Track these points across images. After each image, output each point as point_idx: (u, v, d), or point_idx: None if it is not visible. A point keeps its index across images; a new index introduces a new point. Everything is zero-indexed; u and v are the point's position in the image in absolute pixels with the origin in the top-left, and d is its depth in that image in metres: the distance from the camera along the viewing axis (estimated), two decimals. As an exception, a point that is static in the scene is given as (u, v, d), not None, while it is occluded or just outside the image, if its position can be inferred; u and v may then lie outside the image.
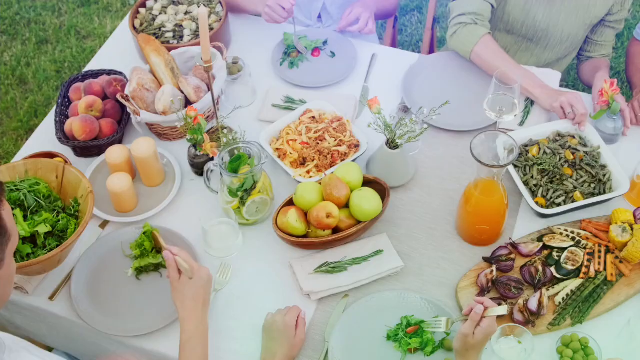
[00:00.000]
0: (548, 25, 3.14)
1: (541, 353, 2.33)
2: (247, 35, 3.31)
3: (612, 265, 2.50)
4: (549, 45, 3.23)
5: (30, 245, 2.42)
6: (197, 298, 2.24)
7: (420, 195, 2.74)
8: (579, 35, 3.20)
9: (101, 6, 5.40)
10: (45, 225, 2.44)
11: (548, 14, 3.11)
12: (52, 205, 2.52)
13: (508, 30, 3.23)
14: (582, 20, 3.13)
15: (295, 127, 2.81)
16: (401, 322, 2.38)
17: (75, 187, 2.54)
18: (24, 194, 2.47)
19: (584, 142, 2.79)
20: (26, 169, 2.56)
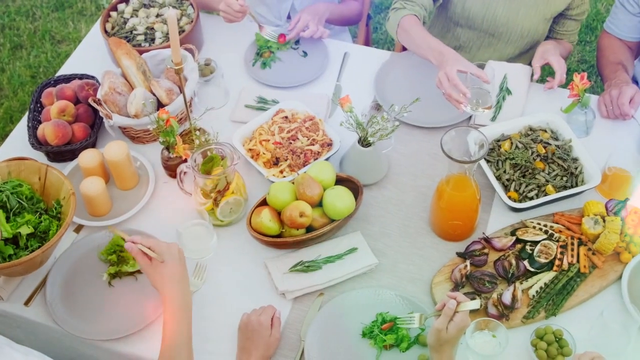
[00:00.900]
0: (508, 20, 3.17)
1: (515, 346, 2.35)
2: (219, 37, 3.31)
3: (584, 257, 2.51)
4: (510, 40, 3.25)
5: (12, 246, 2.41)
6: (174, 276, 2.19)
7: (393, 192, 2.75)
8: (539, 29, 3.23)
9: (75, 10, 5.38)
10: (27, 227, 2.43)
11: (508, 8, 3.14)
12: (35, 206, 2.51)
13: (469, 26, 3.25)
14: (542, 14, 3.15)
15: (268, 127, 2.82)
16: (376, 319, 2.39)
17: (57, 189, 2.53)
18: (7, 196, 2.45)
19: (555, 135, 2.81)
20: (9, 170, 2.53)
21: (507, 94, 3.01)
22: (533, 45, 3.32)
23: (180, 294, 2.19)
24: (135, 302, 2.47)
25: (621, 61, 3.20)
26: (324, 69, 3.15)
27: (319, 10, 3.28)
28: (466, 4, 3.17)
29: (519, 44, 3.28)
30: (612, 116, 2.93)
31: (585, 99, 2.82)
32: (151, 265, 2.19)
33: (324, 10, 3.30)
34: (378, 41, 5.08)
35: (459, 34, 3.32)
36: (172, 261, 2.20)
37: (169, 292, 2.18)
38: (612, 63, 3.19)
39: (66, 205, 2.49)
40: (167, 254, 2.20)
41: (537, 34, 3.25)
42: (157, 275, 2.19)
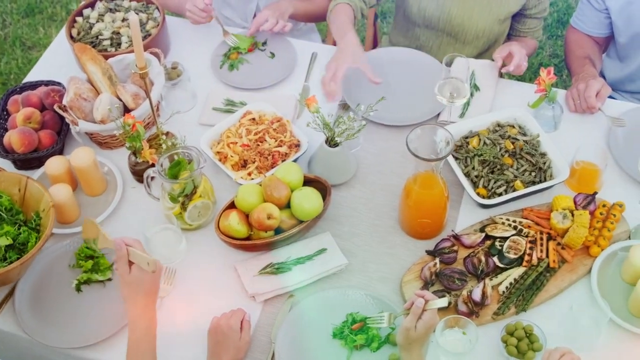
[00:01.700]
0: (463, 20, 3.18)
1: (486, 343, 2.35)
2: (186, 40, 3.30)
3: (554, 252, 2.52)
4: (466, 40, 3.27)
5: None
6: (151, 293, 2.17)
7: (362, 191, 2.74)
8: (494, 30, 3.24)
9: (46, 16, 5.35)
10: (6, 238, 2.41)
11: (462, 8, 3.15)
12: (14, 218, 2.50)
13: (427, 26, 3.27)
14: (496, 15, 3.17)
15: (236, 129, 2.81)
16: (346, 319, 2.38)
17: (37, 201, 2.52)
18: None
19: (523, 131, 2.81)
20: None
21: (475, 90, 3.01)
22: (491, 45, 3.34)
23: (150, 312, 2.18)
24: (105, 309, 2.45)
25: (588, 55, 3.21)
26: (292, 70, 3.14)
27: (281, 6, 3.28)
28: (421, 4, 3.19)
29: (476, 44, 3.29)
30: (579, 110, 2.94)
31: (552, 94, 2.82)
32: (130, 274, 2.15)
33: (286, 6, 3.29)
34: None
35: (418, 34, 3.33)
36: (156, 275, 2.17)
37: (140, 308, 2.16)
38: (580, 57, 3.20)
39: (45, 218, 2.47)
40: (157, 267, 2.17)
41: (493, 34, 3.26)
42: (132, 288, 2.16)
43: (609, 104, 2.99)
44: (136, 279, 2.15)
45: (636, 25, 3.10)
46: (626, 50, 3.23)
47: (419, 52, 3.18)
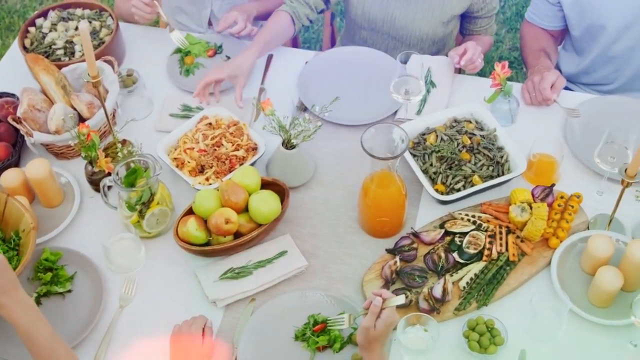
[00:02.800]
0: (406, 23, 3.20)
1: (448, 339, 2.36)
2: (141, 46, 3.28)
3: (513, 245, 2.53)
4: (411, 43, 3.28)
5: None
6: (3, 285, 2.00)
7: (321, 192, 2.74)
8: (438, 32, 3.26)
9: (3, 26, 5.31)
10: None
11: (405, 11, 3.17)
12: None
13: (372, 29, 3.28)
14: (439, 18, 3.18)
15: (192, 135, 2.79)
16: (308, 321, 2.38)
17: (17, 220, 2.49)
18: None
19: (480, 126, 2.82)
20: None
21: (431, 87, 3.02)
22: (440, 48, 3.36)
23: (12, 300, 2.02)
24: (65, 322, 2.43)
25: (544, 48, 3.22)
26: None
27: (247, 9, 3.28)
28: (365, 6, 3.20)
29: (422, 47, 3.30)
30: (535, 102, 2.95)
31: (507, 88, 2.84)
32: None
33: (250, 10, 3.29)
34: (310, 40, 5.08)
35: (365, 37, 3.35)
36: None
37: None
38: (535, 50, 3.22)
39: (25, 239, 2.45)
40: None
41: (437, 37, 3.27)
42: None
43: (565, 96, 3.00)
44: None
45: (589, 18, 3.11)
46: (580, 43, 3.25)
47: (375, 51, 3.18)
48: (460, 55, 2.97)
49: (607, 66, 3.23)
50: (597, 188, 2.70)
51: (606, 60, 3.21)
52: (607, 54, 3.19)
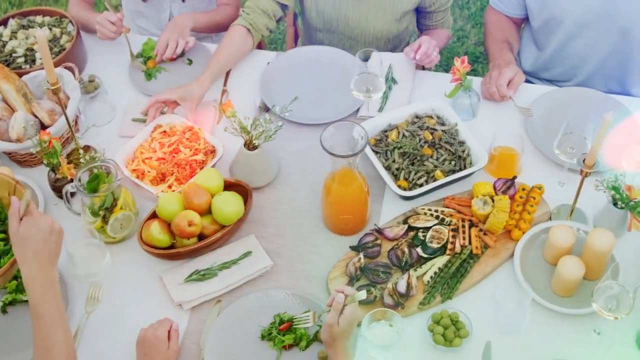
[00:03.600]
0: (360, 22, 3.21)
1: (413, 333, 2.37)
2: (103, 52, 3.27)
3: (476, 238, 2.55)
4: (366, 41, 3.30)
5: None
6: (41, 253, 2.03)
7: (285, 192, 2.75)
8: (392, 30, 3.28)
9: (-32, 36, 5.27)
10: None
11: (357, 10, 3.19)
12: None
13: (327, 30, 3.30)
14: (391, 15, 3.20)
15: (148, 144, 2.79)
16: (274, 320, 2.39)
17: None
18: None
19: (441, 121, 2.84)
20: None
21: (392, 84, 3.04)
22: (397, 45, 3.38)
23: (46, 275, 2.04)
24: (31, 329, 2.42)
25: (507, 39, 3.24)
26: (210, 75, 3.13)
27: (179, 24, 3.21)
28: (319, 7, 3.22)
29: (378, 45, 3.32)
30: (492, 98, 2.97)
31: (467, 82, 2.86)
32: (18, 231, 2.03)
33: (184, 21, 3.23)
34: (276, 41, 5.09)
35: (321, 39, 3.36)
36: (38, 234, 2.04)
37: (34, 270, 2.03)
38: (499, 41, 3.23)
39: None
40: (32, 223, 2.04)
41: (392, 34, 3.29)
42: (20, 247, 2.03)
43: (524, 88, 3.03)
44: (24, 235, 2.03)
45: (549, 10, 3.13)
46: (540, 36, 3.27)
47: (337, 50, 3.19)
48: (415, 51, 2.98)
49: (565, 63, 3.26)
50: (558, 179, 2.73)
51: (564, 57, 3.24)
52: (565, 50, 3.21)
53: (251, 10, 3.14)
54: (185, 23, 3.21)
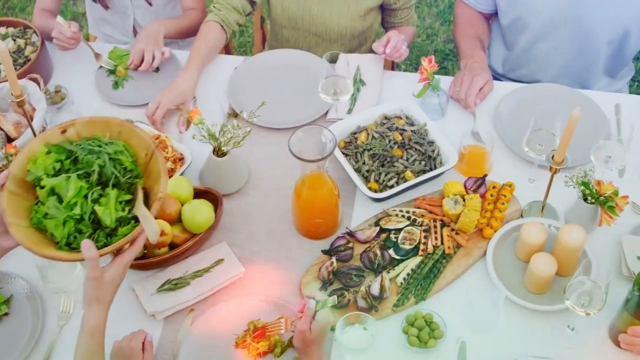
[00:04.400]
0: (324, 19, 3.21)
1: (388, 335, 2.37)
2: (69, 61, 3.24)
3: (448, 238, 2.55)
4: (331, 38, 3.30)
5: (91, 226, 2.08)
6: (103, 300, 2.05)
7: (256, 198, 2.74)
8: (357, 26, 3.28)
9: None
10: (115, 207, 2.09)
11: (322, 7, 3.19)
12: (130, 181, 2.15)
13: (293, 27, 3.30)
14: (355, 12, 3.20)
15: (115, 155, 2.77)
16: (248, 327, 2.37)
17: (154, 181, 2.15)
18: (104, 161, 2.10)
19: (410, 121, 2.84)
20: (120, 130, 2.20)
21: (361, 85, 3.03)
22: (362, 42, 3.38)
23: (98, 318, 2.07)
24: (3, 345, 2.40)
25: (479, 35, 3.24)
26: (177, 83, 3.12)
27: (152, 32, 3.18)
28: (284, 4, 3.22)
29: (343, 42, 3.32)
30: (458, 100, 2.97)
31: (435, 82, 2.86)
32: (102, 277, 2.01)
33: (157, 30, 3.19)
34: (245, 44, 5.07)
35: (287, 36, 3.36)
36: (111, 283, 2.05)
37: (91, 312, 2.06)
38: (471, 37, 3.23)
39: (155, 204, 2.12)
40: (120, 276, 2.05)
41: (357, 30, 3.30)
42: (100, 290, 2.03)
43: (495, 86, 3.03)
44: (109, 280, 2.03)
45: (518, 9, 3.14)
46: (509, 35, 3.28)
47: (304, 53, 3.19)
48: (384, 45, 2.98)
49: (531, 64, 3.27)
50: (528, 176, 2.73)
51: (531, 58, 3.25)
52: (532, 52, 3.22)
53: (222, 7, 3.16)
54: (158, 31, 3.18)
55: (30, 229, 2.07)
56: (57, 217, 2.03)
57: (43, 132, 2.44)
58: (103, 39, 3.59)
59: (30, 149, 2.14)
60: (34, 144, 2.14)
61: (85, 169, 2.09)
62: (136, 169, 2.15)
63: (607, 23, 3.03)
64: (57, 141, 2.16)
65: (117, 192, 2.07)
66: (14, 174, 2.09)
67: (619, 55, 3.18)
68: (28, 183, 2.11)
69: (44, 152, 2.11)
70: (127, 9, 3.45)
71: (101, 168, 2.09)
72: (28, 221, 2.08)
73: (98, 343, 2.06)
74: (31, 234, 2.05)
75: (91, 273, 1.99)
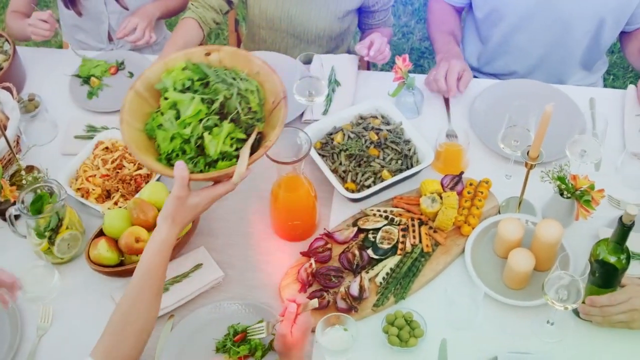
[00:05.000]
0: (302, 20, 3.21)
1: (369, 335, 2.37)
2: (42, 69, 3.23)
3: (426, 236, 2.55)
4: (309, 39, 3.30)
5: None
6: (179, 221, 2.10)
7: (233, 201, 2.73)
8: (334, 28, 3.28)
9: None
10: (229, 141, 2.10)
11: (301, 8, 3.19)
12: (251, 121, 2.15)
13: (270, 27, 3.29)
14: (334, 13, 3.21)
15: (91, 162, 2.76)
16: (228, 332, 2.37)
17: (271, 128, 2.16)
18: (231, 94, 2.11)
19: (386, 120, 2.84)
20: (259, 71, 2.21)
21: (336, 86, 3.03)
22: (339, 44, 3.38)
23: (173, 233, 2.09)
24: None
25: (452, 31, 3.25)
26: (152, 87, 3.11)
27: (148, 11, 3.29)
28: (262, 5, 3.21)
29: (320, 43, 3.32)
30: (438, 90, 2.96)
31: (410, 80, 2.86)
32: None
33: (152, 12, 3.31)
34: (221, 47, 5.05)
35: (264, 37, 3.35)
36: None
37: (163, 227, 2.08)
38: (444, 33, 3.23)
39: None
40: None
41: (334, 32, 3.30)
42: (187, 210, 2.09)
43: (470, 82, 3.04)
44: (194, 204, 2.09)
45: (493, 1, 3.15)
46: (483, 28, 3.29)
47: (277, 54, 3.18)
48: (368, 48, 2.98)
49: (507, 56, 3.28)
50: (505, 172, 2.74)
51: (507, 50, 3.26)
52: (508, 44, 3.23)
53: (199, 5, 3.17)
54: (153, 13, 3.30)
55: (141, 133, 2.13)
56: (168, 131, 2.08)
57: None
58: (77, 46, 3.57)
59: (171, 60, 2.19)
60: (176, 56, 2.20)
61: (211, 95, 2.11)
62: (260, 112, 2.17)
63: (583, 13, 3.04)
64: (198, 61, 2.19)
65: (232, 127, 2.09)
66: (147, 78, 2.17)
67: (594, 46, 3.20)
68: (156, 91, 2.17)
69: (181, 67, 2.16)
70: (102, 14, 3.44)
71: (226, 100, 2.11)
72: (142, 125, 2.14)
73: (162, 259, 2.08)
74: (139, 137, 2.12)
75: (176, 192, 2.04)
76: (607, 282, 2.25)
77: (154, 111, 2.16)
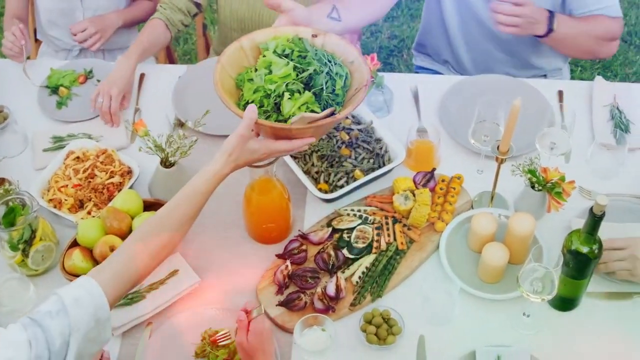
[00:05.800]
0: (274, 21, 3.20)
1: (347, 335, 2.37)
2: (10, 81, 3.21)
3: (401, 234, 2.56)
4: None
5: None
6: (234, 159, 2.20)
7: (207, 205, 2.66)
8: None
9: None
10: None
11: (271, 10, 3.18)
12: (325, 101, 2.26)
13: (242, 29, 3.28)
14: None
15: (62, 172, 2.75)
16: (203, 337, 2.36)
17: (344, 108, 2.28)
18: (321, 70, 2.27)
19: (357, 120, 2.85)
20: (354, 60, 2.34)
21: (306, 87, 3.04)
22: None
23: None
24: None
25: None
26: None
27: (105, 21, 3.34)
28: (233, 6, 3.22)
29: None
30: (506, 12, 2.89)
31: (379, 79, 2.87)
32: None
33: (112, 21, 3.36)
34: (190, 52, 5.05)
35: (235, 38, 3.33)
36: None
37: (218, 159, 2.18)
38: None
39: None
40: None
41: None
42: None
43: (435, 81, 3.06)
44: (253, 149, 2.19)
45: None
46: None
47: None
48: None
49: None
50: (476, 167, 2.76)
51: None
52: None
53: (167, 6, 3.19)
54: (113, 22, 3.36)
55: (231, 80, 2.31)
56: (254, 84, 2.24)
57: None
58: (50, 44, 3.56)
59: (281, 30, 2.38)
60: (287, 29, 2.39)
61: (303, 66, 2.25)
62: (342, 96, 2.28)
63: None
64: (304, 37, 2.35)
65: (311, 98, 2.21)
66: (254, 37, 2.37)
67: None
68: (257, 50, 2.36)
69: (288, 37, 2.35)
70: (77, 10, 3.43)
71: (315, 74, 2.24)
72: (235, 74, 2.32)
73: (208, 188, 2.16)
74: (227, 82, 2.29)
75: (241, 130, 2.12)
76: (580, 272, 2.27)
77: (249, 67, 2.33)
